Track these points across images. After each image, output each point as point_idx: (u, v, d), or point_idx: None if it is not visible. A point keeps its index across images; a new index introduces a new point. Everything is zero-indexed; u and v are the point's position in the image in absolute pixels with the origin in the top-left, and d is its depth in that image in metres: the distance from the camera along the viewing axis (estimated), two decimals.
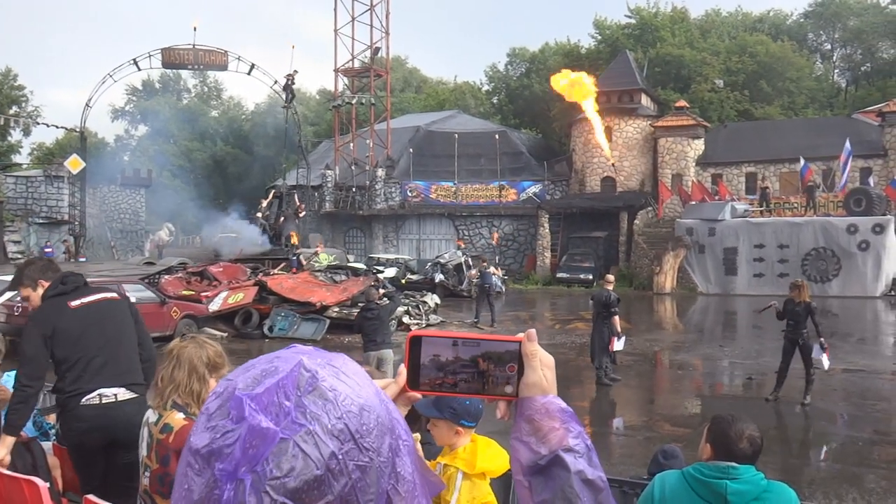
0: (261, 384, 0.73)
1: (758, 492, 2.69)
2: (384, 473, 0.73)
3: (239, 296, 18.97)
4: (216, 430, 0.71)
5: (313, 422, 0.70)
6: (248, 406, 0.70)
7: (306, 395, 0.72)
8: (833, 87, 53.83)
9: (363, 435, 0.72)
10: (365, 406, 0.74)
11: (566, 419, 0.94)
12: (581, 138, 39.79)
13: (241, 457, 0.68)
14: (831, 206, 31.71)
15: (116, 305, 4.39)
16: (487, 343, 0.96)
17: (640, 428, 10.15)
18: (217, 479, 0.68)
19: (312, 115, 60.84)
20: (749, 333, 19.90)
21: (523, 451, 0.94)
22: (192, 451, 0.71)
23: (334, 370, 0.76)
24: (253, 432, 0.69)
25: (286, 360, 0.75)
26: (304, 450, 0.69)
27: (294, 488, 0.67)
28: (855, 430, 9.91)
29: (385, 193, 40.35)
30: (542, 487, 0.91)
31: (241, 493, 0.67)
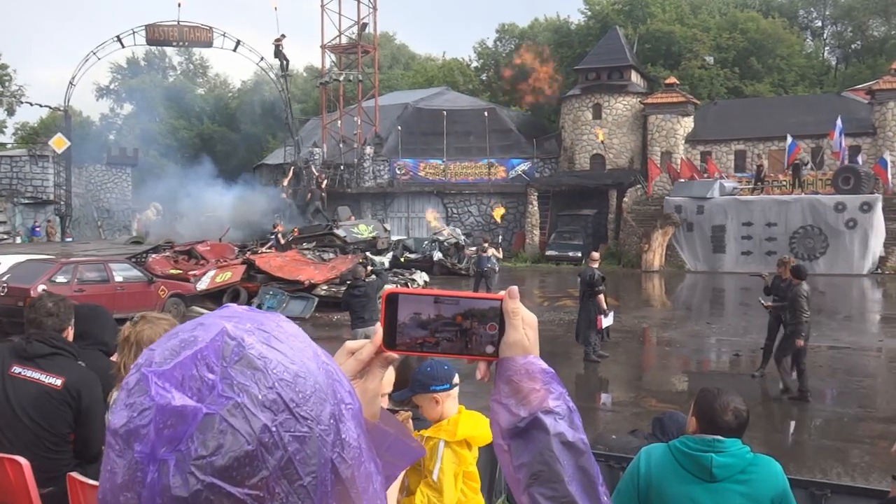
0: (177, 356, 0.67)
1: (743, 465, 2.68)
2: (326, 442, 0.68)
3: (227, 274, 18.91)
4: (133, 409, 0.65)
5: (241, 393, 0.65)
6: (153, 384, 0.65)
7: (232, 365, 0.66)
8: (823, 65, 53.80)
9: (299, 403, 0.67)
10: (299, 372, 0.68)
11: (547, 380, 0.90)
12: (570, 116, 39.69)
13: (157, 438, 0.62)
14: (819, 185, 31.82)
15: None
16: (467, 301, 0.92)
17: (628, 404, 10.19)
18: (138, 462, 0.63)
19: (300, 93, 60.39)
20: (736, 311, 19.99)
21: (503, 414, 0.90)
22: (112, 430, 0.66)
23: (265, 335, 0.70)
24: (163, 411, 0.63)
25: (208, 328, 0.69)
26: (233, 424, 0.63)
27: (222, 466, 0.62)
28: (840, 405, 9.99)
29: (373, 171, 40.19)
30: (522, 450, 0.88)
31: (165, 474, 0.62)
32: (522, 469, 0.87)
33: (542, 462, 0.86)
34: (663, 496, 2.73)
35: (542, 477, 0.86)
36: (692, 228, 31.09)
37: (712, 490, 2.66)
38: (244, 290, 18.53)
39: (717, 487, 2.66)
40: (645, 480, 2.78)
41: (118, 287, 16.06)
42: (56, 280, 14.72)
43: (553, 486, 0.85)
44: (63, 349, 3.77)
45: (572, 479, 0.85)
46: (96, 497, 2.72)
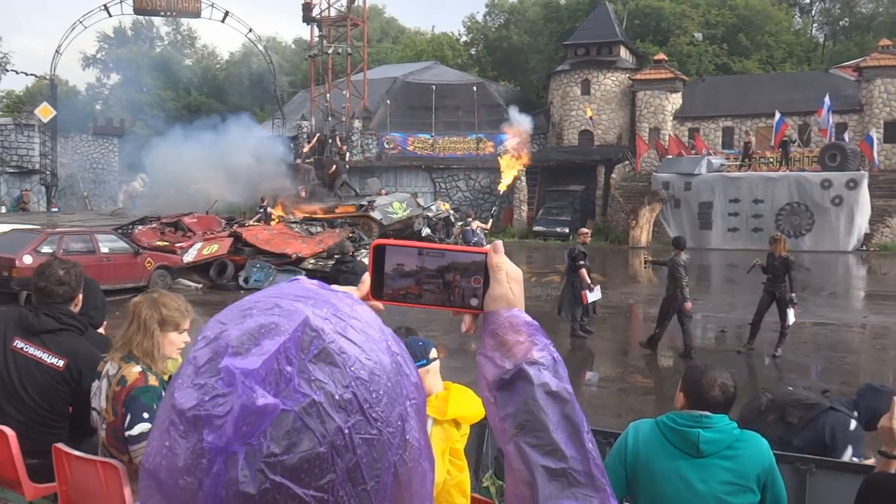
0: (258, 345, 0.64)
1: (730, 441, 2.70)
2: (392, 445, 0.66)
3: (214, 247, 18.83)
4: (204, 391, 0.62)
5: (318, 391, 0.62)
6: (241, 384, 0.62)
7: (310, 358, 0.64)
8: (811, 42, 53.76)
9: (372, 405, 0.65)
10: (374, 370, 0.66)
11: (531, 332, 0.91)
12: (559, 91, 39.56)
13: (234, 434, 0.60)
14: (806, 162, 31.93)
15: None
16: (452, 254, 0.93)
17: (614, 380, 10.26)
18: (205, 450, 0.60)
19: (288, 65, 59.86)
20: (722, 287, 20.11)
21: (488, 367, 0.91)
22: (177, 409, 0.63)
23: (342, 324, 0.67)
24: (247, 411, 0.61)
25: (289, 316, 0.66)
26: (307, 424, 0.61)
27: (292, 466, 0.60)
28: (824, 381, 10.07)
29: (361, 145, 39.97)
30: (507, 401, 0.88)
31: (233, 467, 0.60)
32: (508, 419, 0.88)
33: (526, 412, 0.87)
34: (650, 471, 2.75)
35: (527, 426, 0.86)
36: (679, 205, 31.18)
37: (699, 465, 2.69)
38: (231, 262, 18.46)
39: (703, 463, 2.68)
40: (632, 455, 2.80)
41: (104, 258, 15.96)
42: (41, 250, 14.60)
43: (538, 435, 0.85)
44: (71, 324, 3.71)
45: (557, 427, 0.86)
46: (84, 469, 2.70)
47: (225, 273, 18.36)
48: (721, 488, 2.66)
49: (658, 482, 2.72)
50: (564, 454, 0.85)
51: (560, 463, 0.84)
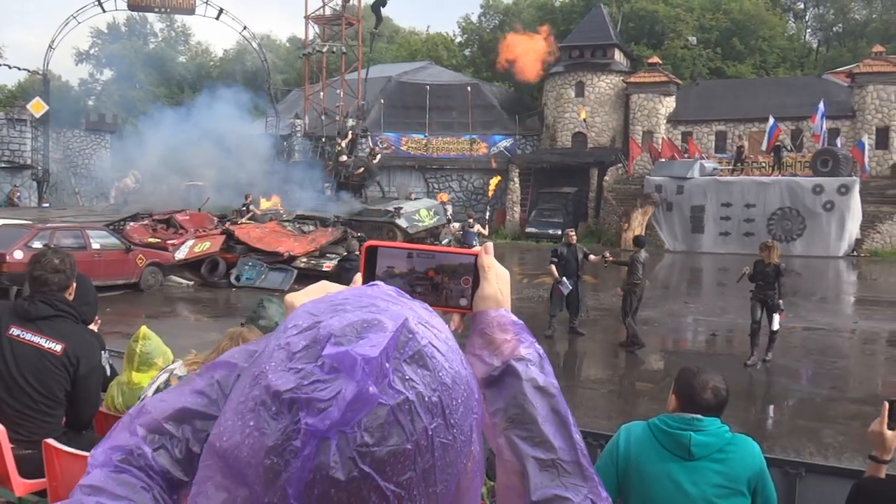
0: (363, 338, 0.65)
1: (721, 444, 2.71)
2: (462, 453, 0.68)
3: (205, 244, 18.79)
4: (303, 376, 0.64)
5: (411, 390, 0.64)
6: (361, 369, 0.63)
7: (405, 359, 0.66)
8: (804, 47, 53.97)
9: (452, 411, 0.67)
10: (456, 378, 0.69)
11: (518, 331, 0.94)
12: (553, 93, 39.60)
13: (340, 418, 0.62)
14: (798, 167, 32.04)
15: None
16: (443, 255, 0.96)
17: (605, 382, 10.28)
18: (300, 431, 0.62)
19: (282, 63, 59.75)
20: (714, 290, 20.17)
21: (477, 365, 0.93)
22: (271, 391, 0.64)
23: (430, 333, 0.69)
24: (359, 397, 0.62)
25: (391, 315, 0.68)
26: (399, 420, 0.63)
27: (381, 458, 0.62)
28: (814, 386, 10.13)
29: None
30: (496, 397, 0.91)
31: (325, 452, 0.61)
32: (498, 414, 0.90)
33: (516, 406, 0.89)
34: (642, 474, 2.76)
35: (517, 419, 0.89)
36: (672, 208, 31.24)
37: (690, 468, 2.69)
38: (223, 260, 18.42)
39: (695, 466, 2.69)
40: (624, 458, 2.81)
41: (95, 254, 15.91)
42: (32, 245, 14.54)
43: (528, 428, 0.88)
44: (66, 311, 3.74)
45: (546, 419, 0.88)
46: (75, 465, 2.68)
47: (216, 271, 18.32)
48: (712, 491, 2.67)
49: (649, 484, 2.73)
50: (553, 445, 0.87)
51: (549, 454, 0.87)
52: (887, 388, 9.52)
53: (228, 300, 16.74)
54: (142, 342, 4.06)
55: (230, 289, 17.66)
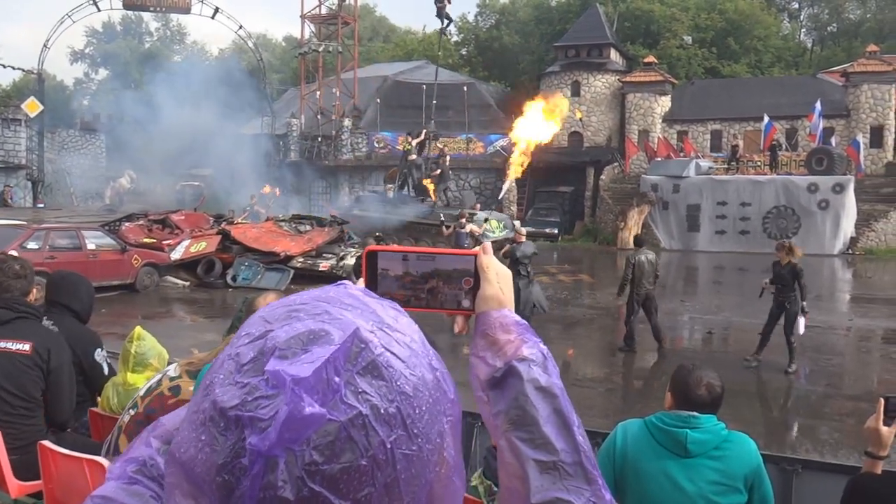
0: (307, 351, 0.63)
1: (718, 441, 2.71)
2: (430, 462, 0.66)
3: (201, 244, 18.75)
4: (248, 391, 0.62)
5: (364, 404, 0.62)
6: (290, 391, 0.61)
7: (358, 371, 0.63)
8: (799, 47, 54.09)
9: (414, 420, 0.64)
10: (418, 385, 0.66)
11: (521, 331, 0.93)
12: (549, 92, 39.58)
13: (277, 440, 0.59)
14: (793, 165, 32.11)
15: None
16: (443, 257, 0.95)
17: (602, 380, 10.28)
18: (246, 450, 0.60)
19: (278, 63, 59.73)
20: (710, 289, 20.20)
21: (480, 367, 0.92)
22: (218, 407, 0.62)
23: (388, 337, 0.67)
24: (294, 420, 0.60)
25: (340, 325, 0.66)
26: (352, 436, 0.61)
27: (332, 476, 0.60)
28: (810, 383, 10.15)
29: (351, 144, 39.90)
30: (499, 399, 0.90)
31: (273, 472, 0.59)
32: (500, 416, 0.89)
33: (517, 407, 0.88)
34: (638, 471, 2.76)
35: (518, 421, 0.87)
36: (668, 207, 31.27)
37: (687, 465, 2.70)
38: (219, 260, 18.39)
39: (691, 463, 2.70)
40: (621, 455, 2.81)
41: (90, 255, 15.87)
42: (27, 246, 14.52)
43: (529, 429, 0.87)
44: (27, 312, 3.75)
45: (547, 421, 0.87)
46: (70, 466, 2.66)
47: (213, 271, 18.28)
48: (708, 488, 2.67)
49: (646, 482, 2.73)
50: (555, 447, 0.86)
51: (551, 456, 0.85)
52: (883, 385, 9.55)
53: (225, 301, 16.71)
54: (136, 343, 4.04)
55: (226, 289, 17.63)
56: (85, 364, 4.24)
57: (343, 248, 19.94)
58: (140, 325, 4.30)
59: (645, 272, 11.23)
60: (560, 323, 14.30)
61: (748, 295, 18.60)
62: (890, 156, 33.59)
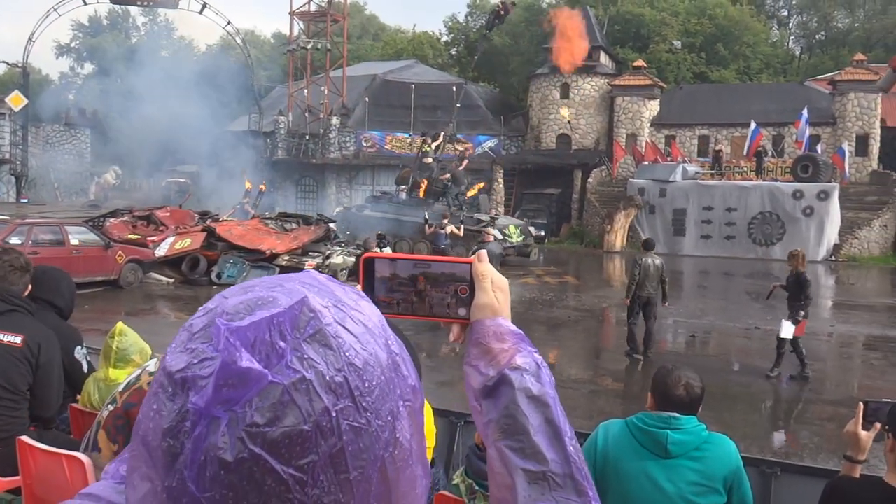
0: (252, 315, 0.63)
1: (698, 442, 2.73)
2: (380, 439, 0.64)
3: (186, 241, 18.66)
4: (194, 355, 0.62)
5: (310, 370, 0.61)
6: (224, 338, 0.61)
7: (305, 338, 0.63)
8: (788, 54, 54.43)
9: (363, 393, 0.64)
10: (369, 360, 0.65)
11: (516, 340, 0.92)
12: (538, 94, 39.71)
13: (214, 394, 0.59)
14: (779, 172, 32.33)
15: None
16: (440, 265, 0.94)
17: (585, 382, 10.31)
18: (189, 412, 0.60)
19: (266, 60, 59.49)
20: (694, 293, 20.28)
21: (473, 376, 0.92)
22: (167, 372, 0.63)
23: (341, 314, 0.67)
24: (227, 370, 0.60)
25: (289, 293, 0.66)
26: (295, 399, 0.60)
27: (273, 440, 0.59)
28: (791, 388, 10.21)
29: (339, 142, 39.84)
30: (490, 408, 0.89)
31: (215, 433, 0.59)
32: (491, 425, 0.88)
33: (507, 416, 0.87)
34: (619, 471, 2.77)
35: (509, 430, 0.86)
36: (654, 211, 31.41)
37: (667, 466, 2.71)
38: (204, 257, 18.31)
39: (671, 464, 2.71)
40: (602, 456, 2.82)
41: (74, 250, 15.77)
42: (10, 241, 14.39)
43: (519, 439, 0.86)
44: (21, 306, 3.74)
45: (538, 430, 0.86)
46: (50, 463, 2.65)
47: (197, 268, 18.20)
48: (688, 489, 2.68)
49: (626, 482, 2.74)
50: (545, 457, 0.85)
51: (540, 466, 0.84)
52: (863, 391, 9.62)
53: (209, 298, 16.55)
54: (118, 338, 4.01)
55: (211, 286, 17.55)
56: (65, 361, 4.21)
57: (329, 247, 19.91)
58: (123, 321, 4.27)
59: (650, 276, 11.19)
60: (545, 324, 14.33)
61: (732, 299, 18.75)
62: (875, 164, 33.86)
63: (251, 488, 0.59)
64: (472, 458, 2.89)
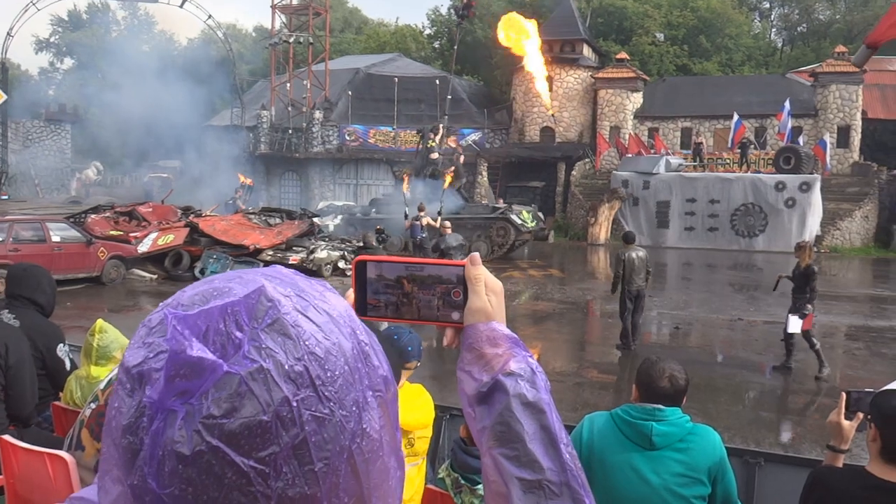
0: (205, 304, 0.62)
1: (682, 434, 2.74)
2: (345, 429, 0.63)
3: (169, 237, 18.54)
4: (150, 349, 0.61)
5: (268, 359, 0.60)
6: (171, 327, 0.60)
7: (263, 327, 0.61)
8: (769, 46, 54.70)
9: (325, 382, 0.62)
10: (331, 350, 0.63)
11: (511, 345, 0.90)
12: (522, 87, 39.70)
13: (166, 386, 0.58)
14: (762, 164, 32.53)
15: None
16: (433, 268, 0.92)
17: (570, 374, 10.34)
18: (146, 406, 0.59)
19: (248, 53, 59.16)
20: (678, 285, 20.39)
21: (467, 381, 0.89)
22: (125, 368, 0.62)
23: (303, 303, 0.65)
24: (176, 359, 0.59)
25: (246, 283, 0.64)
26: (253, 389, 0.58)
27: (232, 431, 0.58)
28: (774, 378, 10.28)
29: (322, 136, 39.69)
30: (484, 415, 0.87)
31: (171, 426, 0.58)
32: (485, 432, 0.87)
33: (502, 423, 0.85)
34: (604, 463, 2.77)
35: (503, 437, 0.85)
36: (638, 203, 31.52)
37: (652, 458, 2.72)
38: (187, 253, 18.21)
39: (656, 455, 2.72)
40: (587, 448, 2.82)
41: (55, 247, 15.64)
42: None
43: (514, 447, 0.84)
44: None
45: (533, 438, 0.84)
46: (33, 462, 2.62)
47: (180, 264, 18.10)
48: (673, 480, 2.69)
49: (611, 474, 2.75)
50: (541, 465, 0.83)
51: (536, 475, 0.83)
52: (845, 381, 9.70)
53: None
54: (98, 336, 3.98)
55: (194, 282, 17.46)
56: (48, 358, 4.18)
57: (313, 242, 19.83)
58: (106, 318, 4.24)
59: (636, 268, 11.23)
60: (530, 317, 14.36)
61: (716, 291, 18.85)
62: (856, 156, 34.12)
63: (211, 482, 0.57)
64: (457, 452, 2.89)
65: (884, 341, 12.84)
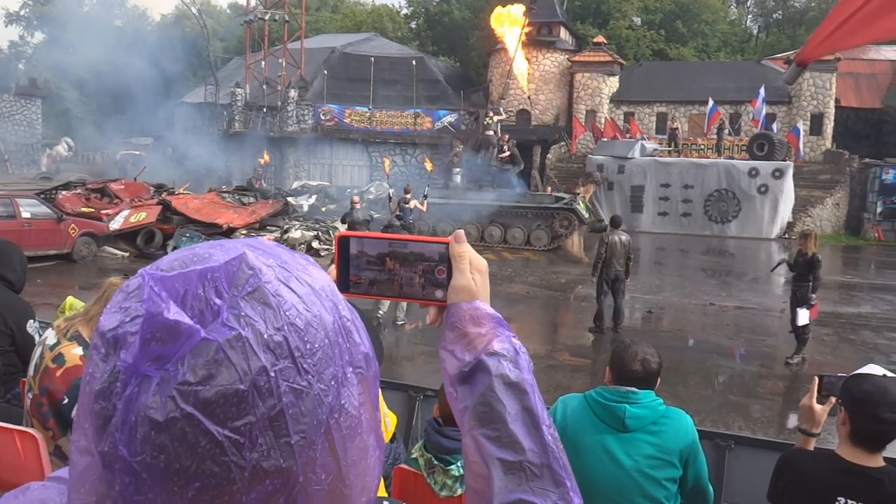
0: (185, 268, 0.61)
1: (655, 416, 2.76)
2: (323, 403, 0.61)
3: (141, 215, 18.34)
4: (126, 313, 0.59)
5: (246, 328, 0.59)
6: (149, 288, 0.58)
7: (243, 295, 0.60)
8: (745, 33, 55.00)
9: (304, 354, 0.61)
10: (312, 322, 0.62)
11: (494, 324, 0.90)
12: (498, 69, 39.58)
13: (141, 349, 0.57)
14: (735, 150, 32.78)
15: None
16: (416, 244, 0.91)
17: (543, 357, 10.40)
18: (119, 371, 0.57)
19: (222, 30, 58.40)
20: (651, 269, 20.53)
21: (449, 360, 0.89)
22: (99, 332, 0.60)
23: (286, 274, 0.63)
24: (152, 321, 0.57)
25: (227, 251, 0.63)
26: (230, 357, 0.57)
27: (207, 399, 0.56)
28: (744, 363, 10.42)
29: (297, 115, 39.33)
30: (466, 394, 0.86)
31: (146, 391, 0.56)
32: (467, 412, 0.86)
33: (484, 403, 0.84)
34: (577, 445, 2.79)
35: (485, 418, 0.84)
36: (612, 187, 31.65)
37: (625, 440, 2.74)
38: (159, 231, 18.03)
39: (629, 437, 2.74)
40: (561, 430, 2.83)
41: (25, 223, 15.41)
42: None
43: (495, 427, 0.83)
44: None
45: (515, 419, 0.83)
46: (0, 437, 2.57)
47: (153, 242, 17.93)
48: (645, 462, 2.72)
49: (584, 456, 2.76)
50: (522, 446, 0.83)
51: (517, 455, 0.82)
52: (813, 366, 9.85)
53: None
54: (68, 313, 3.93)
55: None
56: (17, 335, 4.12)
57: (287, 222, 19.72)
58: (76, 295, 4.18)
59: (616, 253, 11.28)
60: (503, 299, 14.40)
61: (688, 276, 19.02)
62: (829, 143, 34.48)
63: (184, 450, 0.56)
64: (430, 433, 2.89)
65: (852, 328, 13.06)
